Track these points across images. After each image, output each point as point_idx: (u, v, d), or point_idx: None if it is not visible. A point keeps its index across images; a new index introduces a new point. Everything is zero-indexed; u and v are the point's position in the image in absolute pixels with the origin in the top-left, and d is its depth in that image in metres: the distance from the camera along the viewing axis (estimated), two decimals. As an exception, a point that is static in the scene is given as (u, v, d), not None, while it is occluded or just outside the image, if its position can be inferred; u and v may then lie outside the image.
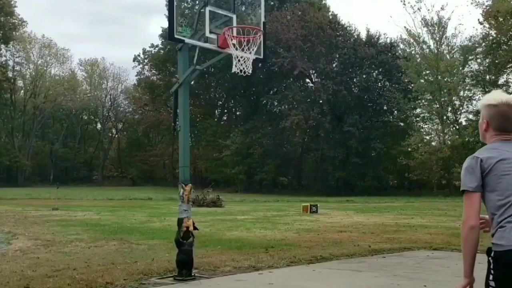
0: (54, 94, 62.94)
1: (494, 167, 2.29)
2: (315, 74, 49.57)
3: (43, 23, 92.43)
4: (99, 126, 71.62)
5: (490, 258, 2.29)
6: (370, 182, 44.21)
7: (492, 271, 2.28)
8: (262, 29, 6.65)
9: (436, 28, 41.92)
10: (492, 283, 2.28)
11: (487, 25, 41.28)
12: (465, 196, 2.32)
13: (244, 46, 6.36)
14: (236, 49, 6.36)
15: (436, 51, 42.19)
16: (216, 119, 58.53)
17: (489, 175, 2.30)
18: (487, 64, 42.26)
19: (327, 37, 46.49)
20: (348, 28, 49.88)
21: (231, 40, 6.35)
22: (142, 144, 66.64)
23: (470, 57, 43.30)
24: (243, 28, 6.50)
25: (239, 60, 6.36)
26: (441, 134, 42.90)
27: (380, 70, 47.23)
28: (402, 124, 46.31)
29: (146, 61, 59.57)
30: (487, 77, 42.35)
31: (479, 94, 44.02)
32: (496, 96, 2.41)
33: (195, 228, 6.41)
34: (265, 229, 12.51)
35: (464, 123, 43.72)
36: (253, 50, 6.39)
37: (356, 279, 6.32)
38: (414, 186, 44.72)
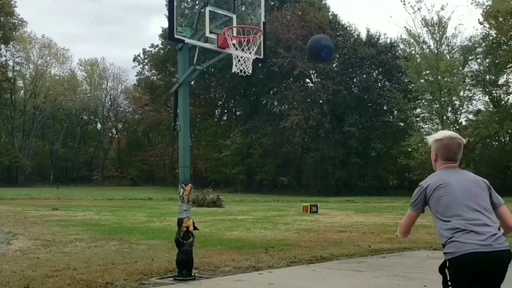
0: (54, 94, 62.95)
1: (433, 193, 2.94)
2: (315, 74, 49.58)
3: (43, 23, 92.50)
4: (99, 126, 71.64)
5: (445, 269, 2.78)
6: (370, 182, 44.20)
7: (448, 277, 2.77)
8: (262, 29, 6.64)
9: (436, 28, 41.89)
10: (448, 279, 2.77)
11: (487, 25, 41.28)
12: (408, 210, 3.11)
13: (244, 46, 6.36)
14: (236, 49, 6.36)
15: (436, 51, 42.16)
16: (216, 119, 58.53)
17: (431, 200, 2.97)
18: (487, 64, 42.25)
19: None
20: (348, 28, 49.92)
21: (231, 40, 6.35)
22: (142, 144, 66.65)
23: (470, 57, 43.29)
24: (243, 28, 6.50)
25: (239, 60, 6.36)
26: (441, 134, 42.86)
27: (380, 70, 47.22)
28: (402, 124, 46.29)
29: (146, 61, 59.59)
30: (487, 77, 42.34)
31: (479, 94, 44.08)
32: (441, 132, 3.08)
33: (195, 228, 6.41)
34: (265, 229, 12.51)
35: (464, 123, 43.71)
36: (253, 50, 6.39)
37: (356, 279, 6.32)
38: (414, 186, 42.95)
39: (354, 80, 48.08)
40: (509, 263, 2.75)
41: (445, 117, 42.47)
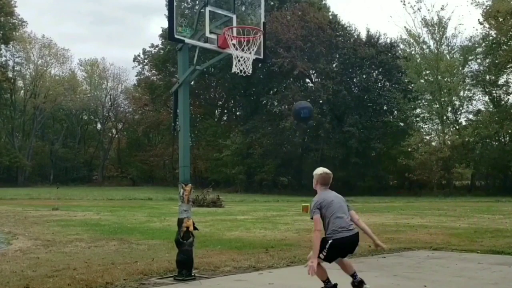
0: (54, 94, 62.97)
1: (322, 204, 5.18)
2: (315, 74, 49.55)
3: (43, 23, 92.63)
4: (99, 126, 71.66)
5: (330, 241, 5.06)
6: (370, 182, 44.19)
7: (327, 245, 5.04)
8: (262, 29, 6.64)
9: (436, 28, 41.95)
10: (325, 250, 5.05)
11: (487, 25, 41.30)
12: (314, 219, 5.10)
13: (244, 46, 6.35)
14: (236, 49, 6.36)
15: (436, 51, 42.20)
16: (216, 119, 58.53)
17: (322, 210, 5.15)
18: (487, 64, 42.26)
19: (327, 37, 46.47)
20: (348, 28, 49.88)
21: (231, 40, 6.35)
22: (142, 144, 66.67)
23: (470, 57, 43.33)
24: (243, 28, 6.50)
25: (239, 60, 6.36)
26: (441, 134, 42.90)
27: (380, 70, 47.19)
28: (402, 124, 46.29)
29: (146, 61, 59.58)
30: (487, 77, 42.35)
31: (479, 94, 44.11)
32: (320, 169, 5.56)
33: (195, 228, 6.41)
34: (265, 229, 12.51)
35: (464, 123, 43.78)
36: (253, 50, 6.39)
37: (356, 279, 6.30)
38: (414, 186, 44.69)
39: (354, 80, 48.05)
40: (358, 241, 5.22)
41: (445, 117, 42.51)
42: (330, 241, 5.03)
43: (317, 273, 5.11)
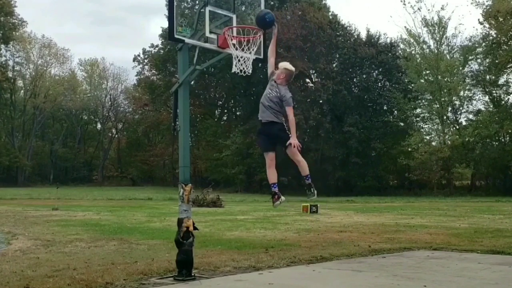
0: (54, 94, 63.01)
1: None
2: (315, 74, 49.55)
3: (43, 23, 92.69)
4: (99, 126, 71.70)
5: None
6: (370, 182, 44.17)
7: None
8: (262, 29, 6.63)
9: (436, 28, 41.93)
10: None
11: (487, 25, 41.30)
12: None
13: (244, 46, 6.35)
14: (236, 49, 6.36)
15: (436, 51, 42.19)
16: (216, 119, 58.54)
17: None
18: (487, 64, 42.24)
19: (327, 37, 46.48)
20: (348, 28, 49.87)
21: (231, 40, 6.34)
22: (142, 144, 66.69)
23: (470, 57, 43.31)
24: (243, 28, 6.49)
25: (239, 60, 6.35)
26: (441, 134, 42.90)
27: (380, 70, 47.20)
28: (402, 124, 46.29)
29: (146, 61, 59.62)
30: (487, 77, 42.34)
31: (479, 94, 44.11)
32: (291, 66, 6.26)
33: (195, 228, 6.41)
34: (265, 229, 12.50)
35: (464, 123, 43.75)
36: (253, 50, 6.38)
37: (356, 279, 6.31)
38: (414, 186, 44.69)
39: (354, 80, 48.05)
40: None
41: (445, 117, 42.49)
42: None
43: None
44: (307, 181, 6.56)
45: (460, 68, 42.91)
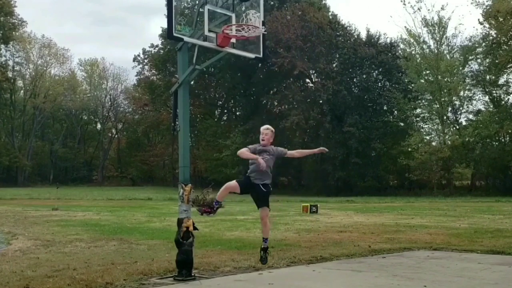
0: (54, 94, 62.98)
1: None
2: (315, 74, 49.53)
3: (43, 23, 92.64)
4: (99, 126, 71.66)
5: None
6: (370, 182, 44.14)
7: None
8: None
9: (436, 28, 41.90)
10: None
11: (487, 25, 41.28)
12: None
13: (244, 28, 6.25)
14: (237, 32, 6.30)
15: (436, 51, 42.16)
16: (216, 119, 58.51)
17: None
18: (487, 64, 42.22)
19: (327, 37, 46.46)
20: (348, 28, 49.86)
21: (231, 32, 6.33)
22: (142, 144, 66.67)
23: (470, 57, 43.27)
24: (242, 26, 6.47)
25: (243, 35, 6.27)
26: (441, 134, 42.86)
27: (380, 70, 47.18)
28: (402, 124, 46.26)
29: (146, 61, 59.58)
30: (487, 77, 42.32)
31: (479, 94, 44.09)
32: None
33: (195, 228, 6.40)
34: (265, 229, 12.47)
35: (464, 123, 43.72)
36: (253, 31, 6.27)
37: (356, 279, 6.31)
38: (414, 186, 44.66)
39: (354, 80, 48.03)
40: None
41: (445, 117, 42.47)
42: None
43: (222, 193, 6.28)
44: (264, 244, 6.47)
45: (460, 68, 42.88)
